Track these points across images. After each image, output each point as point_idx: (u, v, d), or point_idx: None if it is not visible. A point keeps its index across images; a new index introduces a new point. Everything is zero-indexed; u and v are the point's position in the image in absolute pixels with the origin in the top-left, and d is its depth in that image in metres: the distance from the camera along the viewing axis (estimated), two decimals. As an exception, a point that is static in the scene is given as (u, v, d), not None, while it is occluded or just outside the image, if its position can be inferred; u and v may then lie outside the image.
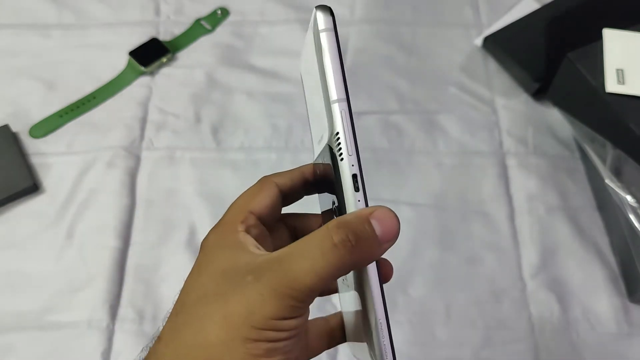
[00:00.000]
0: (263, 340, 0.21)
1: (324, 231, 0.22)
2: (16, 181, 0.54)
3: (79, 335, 0.47)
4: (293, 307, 0.21)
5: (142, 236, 0.53)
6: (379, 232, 0.22)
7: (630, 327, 0.49)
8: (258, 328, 0.21)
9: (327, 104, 0.24)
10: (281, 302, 0.21)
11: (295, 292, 0.21)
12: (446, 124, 0.61)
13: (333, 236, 0.21)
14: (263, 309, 0.21)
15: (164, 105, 0.61)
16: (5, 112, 0.59)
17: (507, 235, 0.54)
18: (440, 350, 0.48)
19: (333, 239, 0.21)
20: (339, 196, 0.23)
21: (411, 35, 0.67)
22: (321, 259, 0.21)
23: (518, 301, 0.51)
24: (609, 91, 0.52)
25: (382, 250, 0.22)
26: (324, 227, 0.22)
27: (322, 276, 0.21)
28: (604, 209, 0.55)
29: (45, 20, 0.66)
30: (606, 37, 0.55)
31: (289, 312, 0.22)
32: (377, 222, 0.22)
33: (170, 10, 0.68)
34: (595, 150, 0.54)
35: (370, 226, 0.22)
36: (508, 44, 0.64)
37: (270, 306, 0.21)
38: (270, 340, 0.22)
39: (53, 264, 0.51)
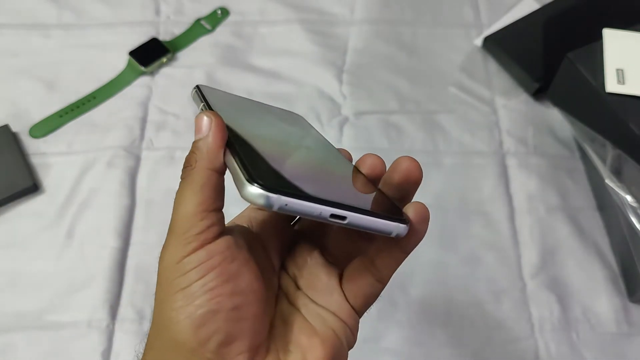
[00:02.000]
0: (178, 291, 0.22)
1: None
2: (16, 181, 0.54)
3: (79, 335, 0.47)
4: (186, 239, 0.23)
5: (142, 236, 0.53)
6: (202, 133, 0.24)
7: (630, 327, 0.49)
8: (171, 279, 0.23)
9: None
10: (176, 241, 0.23)
11: (179, 225, 0.24)
12: (446, 124, 0.61)
13: (181, 176, 0.25)
14: (167, 257, 0.23)
15: (164, 105, 0.61)
16: (5, 112, 0.59)
17: (507, 235, 0.54)
18: (440, 350, 0.48)
19: (181, 177, 0.25)
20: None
21: (411, 35, 0.67)
22: (182, 193, 0.24)
23: (518, 301, 0.51)
24: (609, 91, 0.52)
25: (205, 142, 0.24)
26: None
27: (190, 202, 0.24)
28: (604, 209, 0.55)
29: (45, 20, 0.66)
30: (606, 37, 0.56)
31: (185, 248, 0.23)
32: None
33: (170, 10, 0.68)
34: (595, 150, 0.54)
35: (205, 137, 0.24)
36: (508, 44, 0.64)
37: (170, 253, 0.23)
38: (183, 287, 0.22)
39: (53, 264, 0.51)
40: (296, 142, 0.30)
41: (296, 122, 0.33)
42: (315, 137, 0.32)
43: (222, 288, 0.22)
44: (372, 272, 0.25)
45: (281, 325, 0.25)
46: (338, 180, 0.27)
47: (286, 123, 0.32)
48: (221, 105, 0.27)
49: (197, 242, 0.23)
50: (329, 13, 0.68)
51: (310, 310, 0.25)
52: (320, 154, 0.29)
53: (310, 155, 0.29)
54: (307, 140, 0.31)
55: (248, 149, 0.25)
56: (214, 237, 0.23)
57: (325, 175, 0.27)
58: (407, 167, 0.26)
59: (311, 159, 0.28)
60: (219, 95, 0.29)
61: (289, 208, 0.21)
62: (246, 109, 0.30)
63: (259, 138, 0.27)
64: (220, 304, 0.22)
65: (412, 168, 0.26)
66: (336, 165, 0.28)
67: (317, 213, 0.22)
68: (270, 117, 0.31)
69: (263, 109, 0.32)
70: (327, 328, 0.25)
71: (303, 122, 0.33)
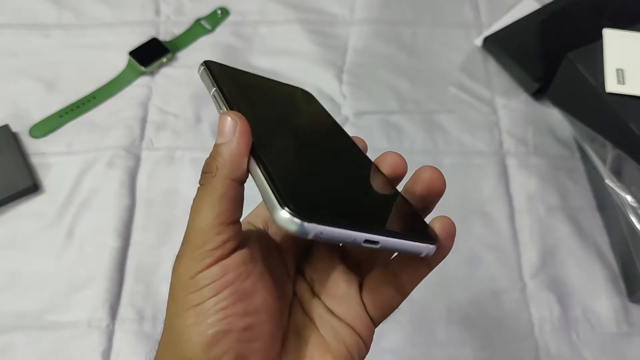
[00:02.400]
0: (190, 307, 0.22)
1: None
2: (16, 181, 0.54)
3: (79, 335, 0.47)
4: (201, 254, 0.22)
5: (142, 236, 0.53)
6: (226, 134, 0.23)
7: (630, 327, 0.49)
8: (185, 294, 0.22)
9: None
10: (191, 254, 0.23)
11: (195, 237, 0.23)
12: (446, 124, 0.61)
13: (200, 181, 0.24)
14: (181, 270, 0.23)
15: (164, 105, 0.61)
16: (5, 112, 0.59)
17: (507, 235, 0.54)
18: (440, 350, 0.48)
19: (199, 183, 0.24)
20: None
21: (411, 35, 0.67)
22: (200, 201, 0.23)
23: (518, 301, 0.51)
24: (609, 91, 0.52)
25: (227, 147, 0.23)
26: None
27: (208, 214, 0.23)
28: (604, 209, 0.55)
29: (45, 20, 0.66)
30: (606, 37, 0.55)
31: (199, 263, 0.22)
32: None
33: (170, 10, 0.68)
34: (595, 150, 0.54)
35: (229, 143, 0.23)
36: (508, 44, 0.64)
37: (185, 265, 0.23)
38: (196, 304, 0.22)
39: (53, 264, 0.51)
40: (315, 137, 0.29)
41: (308, 102, 0.31)
42: (331, 125, 0.30)
43: (235, 307, 0.22)
44: (394, 284, 0.25)
45: (294, 338, 0.25)
46: (365, 191, 0.26)
47: (300, 105, 0.31)
48: (232, 87, 0.26)
49: (212, 258, 0.22)
50: (329, 13, 0.68)
51: (324, 323, 0.25)
52: (341, 153, 0.28)
53: (332, 156, 0.28)
54: (325, 131, 0.30)
55: (273, 155, 0.23)
56: (229, 252, 0.23)
57: (351, 184, 0.26)
58: (430, 177, 0.26)
59: (334, 161, 0.27)
60: (229, 74, 0.28)
61: (324, 236, 0.20)
62: (257, 89, 0.29)
63: (278, 134, 0.26)
64: (232, 324, 0.22)
65: (435, 179, 0.25)
66: (359, 168, 0.27)
67: (351, 239, 0.21)
68: (283, 99, 0.30)
69: (273, 87, 0.31)
70: (340, 344, 0.24)
71: (314, 102, 0.32)
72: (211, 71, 0.27)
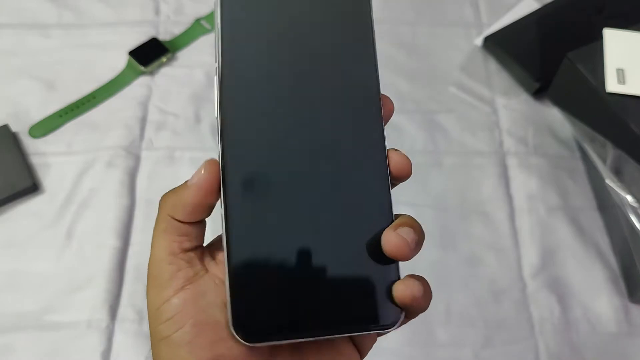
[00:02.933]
0: (161, 339, 0.23)
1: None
2: (16, 181, 0.54)
3: (78, 335, 0.47)
4: (160, 285, 0.24)
5: (142, 236, 0.53)
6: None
7: (630, 327, 0.49)
8: (155, 325, 0.24)
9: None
10: (152, 285, 0.24)
11: (151, 268, 0.25)
12: (446, 124, 0.61)
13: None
14: (149, 301, 0.24)
15: (163, 105, 0.61)
16: (5, 112, 0.59)
17: (507, 235, 0.54)
18: (440, 350, 0.48)
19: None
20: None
21: (411, 35, 0.67)
22: (153, 234, 0.25)
23: (518, 301, 0.51)
24: (609, 91, 0.52)
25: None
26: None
27: (157, 246, 0.24)
28: (604, 209, 0.55)
29: (45, 20, 0.66)
30: (606, 37, 0.55)
31: (160, 294, 0.24)
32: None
33: (170, 10, 0.68)
34: (595, 150, 0.54)
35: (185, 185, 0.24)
36: (508, 43, 0.64)
37: (150, 297, 0.24)
38: (164, 336, 0.23)
39: (53, 264, 0.51)
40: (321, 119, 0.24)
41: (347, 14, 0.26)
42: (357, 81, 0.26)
43: (201, 339, 0.22)
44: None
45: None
46: (333, 260, 0.24)
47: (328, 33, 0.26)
48: (238, 22, 0.25)
49: (170, 289, 0.23)
50: (329, 13, 0.68)
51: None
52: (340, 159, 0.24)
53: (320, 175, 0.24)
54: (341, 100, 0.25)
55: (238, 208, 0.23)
56: (185, 282, 0.23)
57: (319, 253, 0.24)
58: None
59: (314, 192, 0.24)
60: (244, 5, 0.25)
61: (276, 344, 0.23)
62: (276, 17, 0.25)
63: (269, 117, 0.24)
64: (200, 356, 0.22)
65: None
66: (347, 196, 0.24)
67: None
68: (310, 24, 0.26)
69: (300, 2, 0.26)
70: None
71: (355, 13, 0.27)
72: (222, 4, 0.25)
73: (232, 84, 0.24)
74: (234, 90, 0.24)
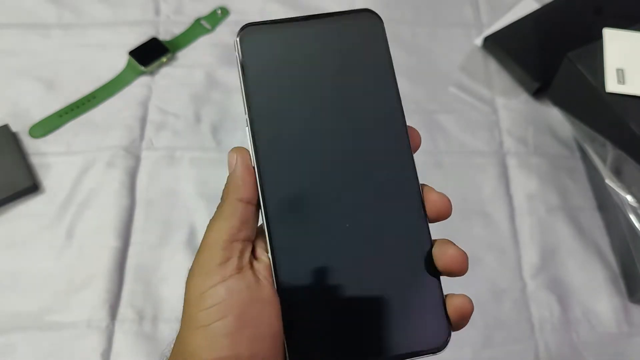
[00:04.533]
0: (200, 327, 0.23)
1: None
2: (16, 181, 0.54)
3: (78, 335, 0.47)
4: (208, 270, 0.24)
5: (142, 236, 0.53)
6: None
7: (630, 327, 0.49)
8: (195, 311, 0.24)
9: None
10: (200, 270, 0.24)
11: (203, 251, 0.25)
12: (446, 124, 0.61)
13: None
14: (192, 285, 0.24)
15: (164, 105, 0.61)
16: (5, 112, 0.59)
17: (507, 235, 0.54)
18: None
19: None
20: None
21: (411, 35, 0.67)
22: (212, 220, 0.25)
23: (518, 301, 0.51)
24: (609, 91, 0.52)
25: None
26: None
27: (215, 230, 0.25)
28: (604, 209, 0.55)
29: (45, 20, 0.66)
30: (606, 37, 0.55)
31: (206, 279, 0.24)
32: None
33: (170, 10, 0.68)
34: (595, 150, 0.54)
35: (233, 172, 0.26)
36: (508, 44, 0.64)
37: (194, 280, 0.24)
38: (204, 325, 0.23)
39: (53, 264, 0.51)
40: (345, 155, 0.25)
41: (361, 52, 0.27)
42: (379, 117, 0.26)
43: (241, 333, 0.22)
44: None
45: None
46: (381, 284, 0.25)
47: (344, 74, 0.26)
48: (262, 73, 0.26)
49: (218, 275, 0.23)
50: (329, 13, 0.68)
51: None
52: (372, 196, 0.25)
53: (355, 208, 0.25)
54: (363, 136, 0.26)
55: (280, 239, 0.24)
56: (235, 270, 0.24)
57: (363, 285, 0.25)
58: (453, 257, 0.26)
59: (354, 225, 0.25)
60: (264, 48, 0.26)
61: None
62: (294, 60, 0.26)
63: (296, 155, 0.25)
64: (238, 350, 0.22)
65: (459, 258, 0.26)
66: (389, 232, 0.25)
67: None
68: (325, 67, 0.26)
69: (319, 45, 0.26)
70: None
71: (371, 50, 0.27)
72: (241, 50, 0.26)
73: (263, 133, 0.25)
74: (266, 138, 0.25)
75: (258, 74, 0.26)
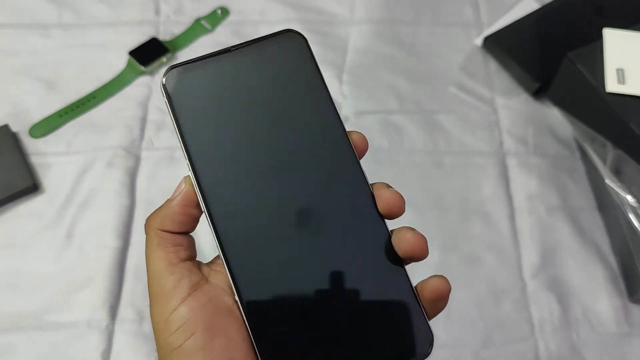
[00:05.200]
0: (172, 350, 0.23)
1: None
2: (16, 181, 0.54)
3: (78, 335, 0.47)
4: (165, 297, 0.24)
5: (142, 236, 0.52)
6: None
7: (630, 327, 0.49)
8: (164, 338, 0.24)
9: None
10: (157, 300, 0.25)
11: (153, 283, 0.25)
12: (446, 124, 0.61)
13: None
14: (154, 316, 0.25)
15: (163, 105, 0.61)
16: (5, 112, 0.59)
17: (507, 235, 0.54)
18: (440, 350, 0.48)
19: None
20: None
21: (411, 35, 0.67)
22: (146, 252, 0.26)
23: (518, 301, 0.51)
24: (609, 91, 0.52)
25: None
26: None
27: (154, 260, 0.26)
28: (604, 209, 0.55)
29: (45, 20, 0.66)
30: (606, 37, 0.55)
31: (166, 306, 0.24)
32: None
33: (170, 10, 0.68)
34: (595, 150, 0.54)
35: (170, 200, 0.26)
36: (508, 43, 0.64)
37: (155, 311, 0.25)
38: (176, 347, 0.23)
39: (53, 264, 0.51)
40: (292, 166, 0.26)
41: (286, 73, 0.27)
42: (316, 125, 0.27)
43: (213, 345, 0.23)
44: None
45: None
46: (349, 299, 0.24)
47: (274, 94, 0.27)
48: (191, 109, 0.26)
49: (175, 298, 0.23)
50: (329, 13, 0.68)
51: None
52: (324, 205, 0.25)
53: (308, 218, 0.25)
54: (306, 146, 0.26)
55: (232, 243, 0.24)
56: (190, 289, 0.24)
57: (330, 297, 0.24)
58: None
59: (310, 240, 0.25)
60: (191, 86, 0.26)
61: None
62: (225, 94, 0.26)
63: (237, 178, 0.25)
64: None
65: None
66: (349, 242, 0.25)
67: None
68: (253, 93, 0.27)
69: (246, 73, 0.27)
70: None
71: (295, 69, 0.27)
72: (168, 94, 0.26)
73: (203, 165, 0.26)
74: (207, 167, 0.25)
75: (189, 113, 0.26)
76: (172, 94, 0.26)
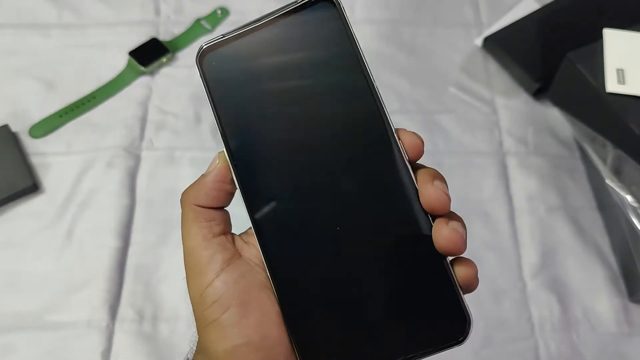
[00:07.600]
0: (209, 324, 0.24)
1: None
2: (16, 181, 0.54)
3: (78, 335, 0.47)
4: (200, 272, 0.24)
5: (142, 236, 0.53)
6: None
7: (630, 327, 0.49)
8: (200, 311, 0.24)
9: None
10: (192, 275, 0.25)
11: (188, 258, 0.25)
12: (446, 124, 0.61)
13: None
14: (191, 291, 0.25)
15: (163, 105, 0.61)
16: (5, 112, 0.59)
17: (507, 235, 0.54)
18: (440, 350, 0.48)
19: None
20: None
21: (411, 35, 0.67)
22: (181, 227, 0.26)
23: (518, 301, 0.51)
24: (609, 91, 0.52)
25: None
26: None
27: (189, 235, 0.25)
28: (604, 209, 0.55)
29: (45, 20, 0.66)
30: (606, 37, 0.55)
31: (201, 280, 0.24)
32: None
33: (170, 10, 0.68)
34: (595, 150, 0.54)
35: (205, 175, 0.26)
36: (508, 44, 0.64)
37: (191, 286, 0.25)
38: (212, 320, 0.24)
39: (53, 264, 0.51)
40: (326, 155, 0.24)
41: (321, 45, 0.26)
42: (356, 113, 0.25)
43: (247, 320, 0.23)
44: None
45: None
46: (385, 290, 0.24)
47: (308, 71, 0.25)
48: (226, 86, 0.25)
49: (210, 273, 0.24)
50: (329, 13, 0.68)
51: None
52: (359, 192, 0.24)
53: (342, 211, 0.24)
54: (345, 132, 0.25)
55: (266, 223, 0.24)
56: (225, 264, 0.24)
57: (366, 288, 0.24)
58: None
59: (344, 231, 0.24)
60: (225, 64, 0.26)
61: None
62: (259, 69, 0.25)
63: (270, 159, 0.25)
64: (249, 336, 0.23)
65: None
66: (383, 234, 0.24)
67: None
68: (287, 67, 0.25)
69: (281, 47, 0.25)
70: None
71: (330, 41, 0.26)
72: (203, 71, 0.26)
73: (240, 146, 0.25)
74: (244, 151, 0.25)
75: (225, 90, 0.26)
76: (207, 71, 0.26)
